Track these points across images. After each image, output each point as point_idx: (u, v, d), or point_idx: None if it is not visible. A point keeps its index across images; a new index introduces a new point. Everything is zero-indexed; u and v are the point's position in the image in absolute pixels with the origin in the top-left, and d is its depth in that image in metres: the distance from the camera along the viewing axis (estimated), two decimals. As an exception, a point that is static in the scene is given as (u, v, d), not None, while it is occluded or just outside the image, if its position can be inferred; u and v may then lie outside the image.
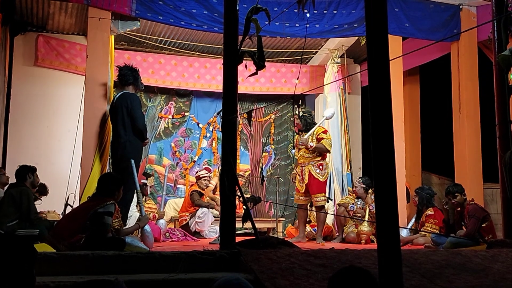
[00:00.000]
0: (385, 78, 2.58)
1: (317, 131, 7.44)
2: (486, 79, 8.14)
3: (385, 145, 2.54)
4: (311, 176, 7.33)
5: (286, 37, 8.12)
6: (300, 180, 7.43)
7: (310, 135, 7.37)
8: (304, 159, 7.44)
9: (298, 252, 4.08)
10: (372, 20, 2.67)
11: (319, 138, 7.36)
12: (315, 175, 7.33)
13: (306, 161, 7.42)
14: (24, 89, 8.57)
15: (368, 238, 7.53)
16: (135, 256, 3.92)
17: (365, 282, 2.02)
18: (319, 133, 7.41)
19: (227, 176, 4.41)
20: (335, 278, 2.06)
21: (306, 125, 7.52)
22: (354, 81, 10.26)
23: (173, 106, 9.80)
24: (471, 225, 6.29)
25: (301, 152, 7.48)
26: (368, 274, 2.05)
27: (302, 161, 7.46)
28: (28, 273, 2.08)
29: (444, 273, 3.78)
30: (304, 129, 7.50)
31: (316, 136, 7.38)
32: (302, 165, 7.45)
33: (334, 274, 2.08)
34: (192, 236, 7.88)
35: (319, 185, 7.34)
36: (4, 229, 5.60)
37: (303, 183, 7.39)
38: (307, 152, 7.42)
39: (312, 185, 7.32)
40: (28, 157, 7.73)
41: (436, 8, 8.30)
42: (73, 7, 7.86)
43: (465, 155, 8.17)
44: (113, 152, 6.34)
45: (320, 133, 7.42)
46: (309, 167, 7.37)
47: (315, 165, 7.38)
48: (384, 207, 2.52)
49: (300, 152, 7.49)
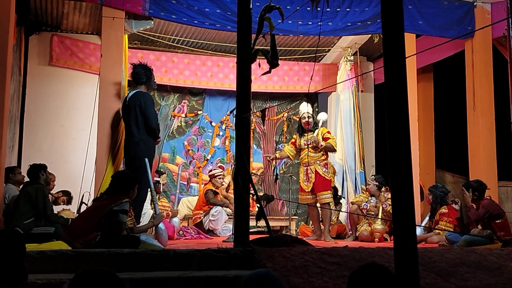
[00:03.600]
0: (401, 76, 2.57)
1: (322, 131, 7.64)
2: (500, 76, 8.07)
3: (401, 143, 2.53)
4: (318, 175, 7.44)
5: (299, 35, 8.11)
6: (305, 179, 7.53)
7: (316, 135, 7.52)
8: (310, 159, 7.50)
9: (312, 250, 4.08)
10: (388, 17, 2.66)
11: (325, 137, 7.53)
12: (322, 173, 7.46)
13: (312, 160, 7.50)
14: (39, 88, 8.65)
15: (382, 236, 7.52)
16: (150, 254, 3.95)
17: (385, 280, 2.02)
18: (324, 133, 7.60)
19: (241, 174, 4.43)
20: (355, 275, 2.05)
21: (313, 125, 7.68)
22: (367, 79, 10.21)
23: (186, 105, 9.83)
24: (479, 213, 6.30)
25: (306, 152, 7.54)
26: (388, 271, 2.05)
27: (307, 161, 7.50)
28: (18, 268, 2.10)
29: (459, 272, 3.77)
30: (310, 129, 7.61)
31: (322, 135, 7.54)
32: (307, 164, 7.51)
33: (355, 270, 2.07)
34: (206, 234, 7.91)
35: (325, 183, 7.47)
36: (21, 227, 5.66)
37: (308, 183, 7.49)
38: (312, 151, 7.52)
39: (319, 183, 7.43)
40: (43, 156, 7.80)
41: (450, 5, 8.24)
42: (87, 6, 7.91)
43: (479, 153, 8.11)
44: (126, 151, 6.38)
45: (325, 133, 7.63)
46: (315, 166, 7.48)
47: (321, 164, 7.51)
48: (400, 205, 2.51)
49: (306, 151, 7.54)
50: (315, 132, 7.61)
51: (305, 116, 7.64)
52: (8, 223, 5.84)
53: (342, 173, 9.07)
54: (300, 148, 7.63)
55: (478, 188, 6.56)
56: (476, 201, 6.52)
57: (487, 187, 6.72)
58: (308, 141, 7.49)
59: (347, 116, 9.22)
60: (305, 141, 7.53)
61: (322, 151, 7.53)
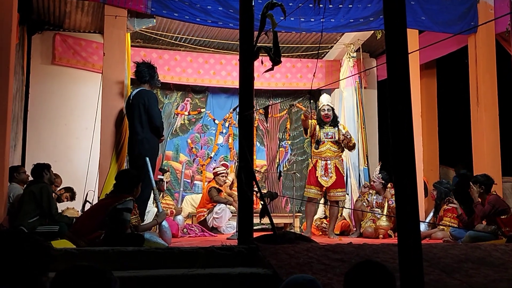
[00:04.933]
0: (405, 72, 2.57)
1: (344, 126, 7.55)
2: (504, 72, 8.06)
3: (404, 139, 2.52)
4: (338, 171, 7.30)
5: (302, 32, 8.09)
6: (323, 174, 7.23)
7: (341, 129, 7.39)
8: (331, 153, 7.28)
9: (316, 247, 4.08)
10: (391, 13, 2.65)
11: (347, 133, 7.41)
12: (341, 170, 7.37)
13: (333, 155, 7.30)
14: (42, 87, 8.67)
15: (386, 233, 7.50)
16: (154, 252, 3.96)
17: (382, 277, 2.02)
18: (345, 129, 7.50)
19: (244, 172, 4.43)
20: (351, 273, 2.07)
21: (333, 118, 7.45)
22: (370, 75, 10.18)
23: (189, 103, 9.84)
24: (485, 210, 6.27)
25: (328, 145, 7.29)
26: (385, 268, 2.05)
27: (327, 155, 7.26)
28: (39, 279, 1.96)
29: (463, 268, 3.76)
30: (330, 122, 7.39)
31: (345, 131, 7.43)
32: (327, 159, 7.27)
33: (351, 268, 2.09)
34: (210, 232, 7.92)
35: (342, 180, 7.42)
36: (25, 226, 5.67)
37: (328, 178, 7.23)
38: (335, 146, 7.33)
39: (338, 180, 7.29)
40: (47, 155, 7.82)
41: (453, 1, 8.21)
42: (90, 5, 7.92)
43: (483, 148, 8.09)
44: (130, 149, 6.39)
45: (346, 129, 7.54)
46: (335, 162, 7.30)
47: (340, 160, 7.40)
48: (404, 201, 2.51)
49: (327, 145, 7.29)
50: (337, 127, 7.38)
51: (325, 108, 7.39)
52: (13, 222, 5.86)
53: (346, 169, 9.06)
54: (319, 140, 7.30)
55: (485, 183, 6.51)
56: (482, 196, 6.48)
57: (494, 182, 6.67)
58: (343, 136, 7.28)
59: (350, 113, 9.20)
60: (324, 134, 7.29)
61: (341, 146, 7.38)
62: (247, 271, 3.71)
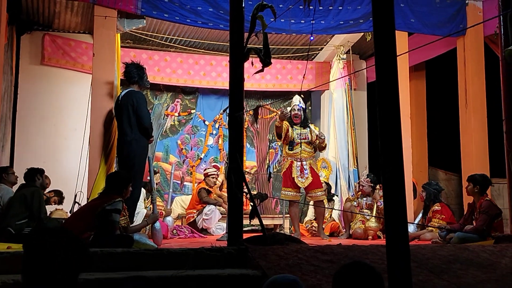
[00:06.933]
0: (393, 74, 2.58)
1: (315, 127, 7.66)
2: (492, 74, 8.10)
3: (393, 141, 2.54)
4: (313, 171, 7.38)
5: (292, 33, 8.11)
6: (299, 175, 7.29)
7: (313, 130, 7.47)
8: (306, 154, 7.34)
9: (306, 248, 4.09)
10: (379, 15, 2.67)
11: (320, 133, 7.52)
12: (316, 170, 7.49)
13: (308, 156, 7.39)
14: (30, 88, 8.61)
15: (375, 234, 7.54)
16: (143, 253, 3.95)
17: (370, 278, 2.03)
18: (317, 129, 7.59)
19: (234, 173, 4.43)
20: (339, 274, 2.07)
21: (304, 119, 7.51)
22: (360, 77, 10.23)
23: (179, 104, 9.82)
24: (481, 221, 6.24)
25: (302, 146, 7.32)
26: (372, 269, 2.06)
27: (303, 156, 7.30)
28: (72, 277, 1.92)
29: (452, 268, 3.79)
30: (300, 123, 7.42)
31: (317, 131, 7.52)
32: (302, 160, 7.31)
33: (339, 269, 2.09)
34: (200, 233, 7.91)
35: (319, 180, 7.51)
36: (13, 227, 5.66)
37: (303, 179, 7.29)
38: (309, 147, 7.41)
39: (315, 180, 7.36)
40: (35, 156, 7.78)
41: (442, 3, 8.26)
42: (79, 6, 7.88)
43: (471, 150, 8.14)
44: (119, 150, 6.35)
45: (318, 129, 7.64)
46: (310, 162, 7.39)
47: (313, 160, 7.52)
48: (392, 202, 2.52)
49: (302, 146, 7.31)
50: (309, 128, 7.47)
51: (295, 108, 7.43)
52: (1, 222, 5.83)
53: (335, 171, 9.10)
54: (292, 141, 7.34)
55: (482, 182, 6.50)
56: (476, 195, 6.48)
57: (491, 183, 6.68)
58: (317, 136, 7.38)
59: (340, 114, 9.24)
60: (297, 135, 7.31)
61: (313, 147, 7.47)
62: (236, 272, 3.71)
